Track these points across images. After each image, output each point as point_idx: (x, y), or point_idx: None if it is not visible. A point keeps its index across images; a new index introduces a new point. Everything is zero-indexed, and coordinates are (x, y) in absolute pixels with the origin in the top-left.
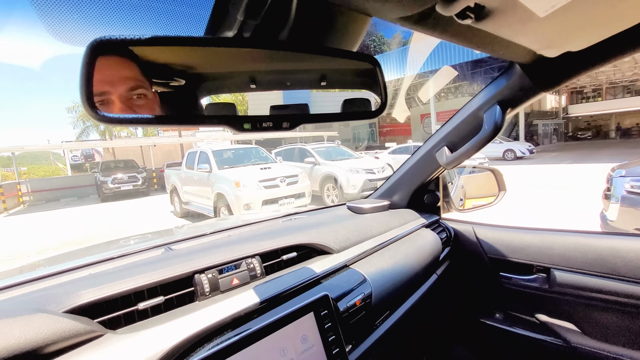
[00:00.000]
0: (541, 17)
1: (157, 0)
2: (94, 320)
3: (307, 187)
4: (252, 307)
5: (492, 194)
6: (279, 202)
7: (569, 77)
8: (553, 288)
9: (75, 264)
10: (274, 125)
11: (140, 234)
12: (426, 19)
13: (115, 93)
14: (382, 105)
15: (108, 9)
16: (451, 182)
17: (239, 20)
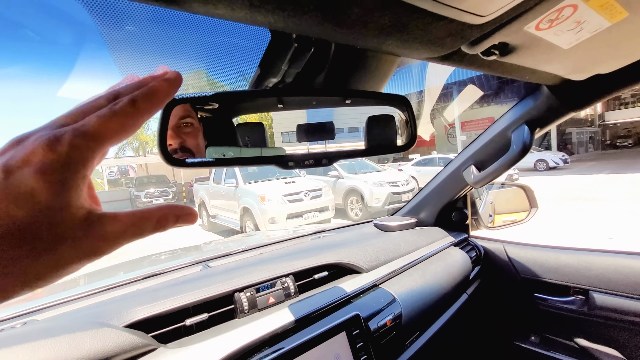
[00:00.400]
0: (566, 49)
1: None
2: (148, 334)
3: (331, 200)
4: (288, 325)
5: (523, 209)
6: (303, 215)
7: (599, 98)
8: (593, 311)
9: (123, 280)
10: (315, 162)
11: (170, 250)
12: (453, 56)
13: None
14: (413, 137)
15: None
16: (479, 198)
17: (284, 69)
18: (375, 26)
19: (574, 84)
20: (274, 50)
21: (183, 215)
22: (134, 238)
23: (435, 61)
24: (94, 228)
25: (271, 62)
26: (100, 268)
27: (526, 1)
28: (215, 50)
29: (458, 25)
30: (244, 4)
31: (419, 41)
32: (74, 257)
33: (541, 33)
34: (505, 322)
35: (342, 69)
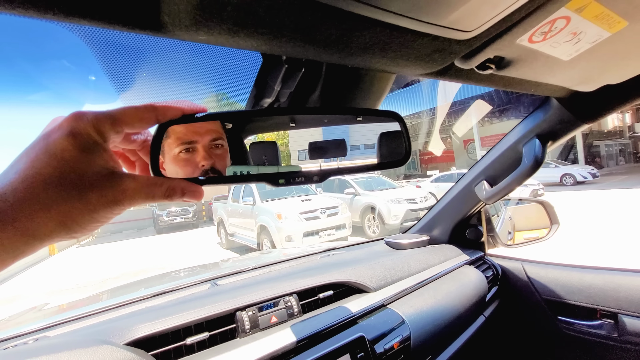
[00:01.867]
0: (566, 61)
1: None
2: (148, 352)
3: (348, 218)
4: (289, 346)
5: (544, 226)
6: (320, 233)
7: (612, 108)
8: (623, 337)
9: (132, 298)
10: (305, 179)
11: (190, 267)
12: (448, 71)
13: (201, 142)
14: (407, 154)
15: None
16: (497, 215)
17: (276, 90)
18: (357, 46)
19: (584, 95)
20: (266, 71)
21: (189, 191)
22: (147, 200)
23: (431, 77)
24: (117, 182)
25: (264, 82)
26: (123, 284)
27: (513, 14)
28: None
29: (444, 42)
30: (223, 29)
31: (406, 58)
32: (101, 204)
33: (536, 46)
34: (527, 348)
35: (335, 87)
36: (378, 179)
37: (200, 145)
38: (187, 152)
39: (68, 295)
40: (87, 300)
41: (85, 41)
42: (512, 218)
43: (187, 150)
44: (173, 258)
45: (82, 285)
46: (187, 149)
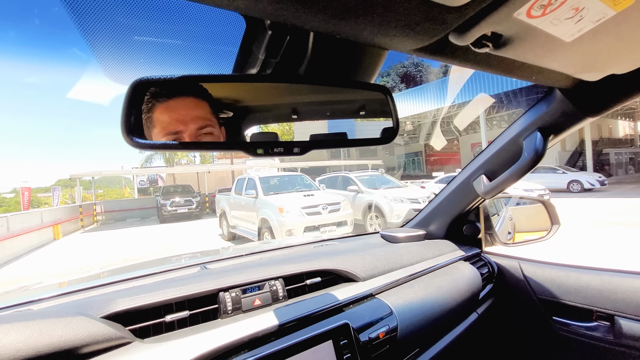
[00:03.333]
0: (569, 42)
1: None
2: (126, 327)
3: (349, 215)
4: (270, 329)
5: (544, 226)
6: (321, 229)
7: (618, 101)
8: (619, 340)
9: (123, 277)
10: (285, 150)
11: (191, 252)
12: (443, 48)
13: (187, 132)
14: (394, 131)
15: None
16: (497, 214)
17: (261, 59)
18: (340, 6)
19: (589, 86)
20: (249, 38)
21: None
22: None
23: (426, 55)
24: None
25: (249, 50)
26: (125, 265)
27: None
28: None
29: (434, 8)
30: None
31: (394, 26)
32: None
33: (535, 22)
34: (520, 347)
35: (324, 60)
36: (382, 177)
37: (187, 134)
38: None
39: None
40: (81, 279)
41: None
42: (512, 218)
43: (174, 140)
44: (175, 246)
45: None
46: (175, 140)
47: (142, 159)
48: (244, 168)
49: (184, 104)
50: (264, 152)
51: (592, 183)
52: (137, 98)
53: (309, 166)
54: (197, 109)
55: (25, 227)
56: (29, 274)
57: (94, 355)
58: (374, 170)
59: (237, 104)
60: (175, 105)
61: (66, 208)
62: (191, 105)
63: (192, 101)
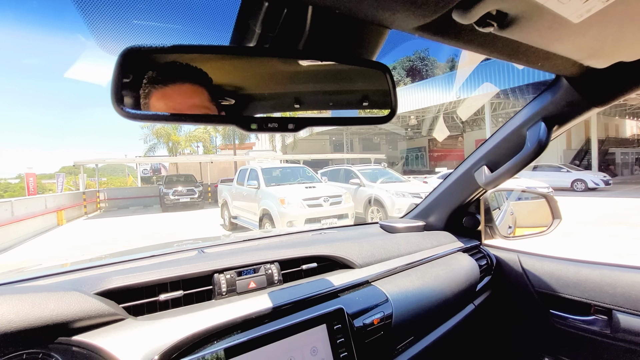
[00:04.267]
0: (577, 24)
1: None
2: (120, 305)
3: (351, 208)
4: (264, 311)
5: (546, 223)
6: (322, 221)
7: (626, 90)
8: (616, 334)
9: (121, 259)
10: (279, 126)
11: (193, 239)
12: (446, 28)
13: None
14: (393, 110)
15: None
16: (499, 208)
17: (258, 33)
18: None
19: (596, 74)
20: (246, 11)
21: None
22: None
23: (428, 35)
24: None
25: (245, 24)
26: (129, 249)
27: None
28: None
29: None
30: None
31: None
32: None
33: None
34: (517, 339)
35: (323, 36)
36: (384, 171)
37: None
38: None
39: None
40: (81, 262)
41: None
42: (513, 212)
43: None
44: (177, 235)
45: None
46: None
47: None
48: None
49: (180, 91)
50: (257, 127)
51: (597, 182)
52: (128, 67)
53: (311, 159)
54: (194, 97)
55: (29, 212)
56: (32, 258)
57: (86, 330)
58: (376, 164)
59: (238, 91)
60: (172, 92)
61: (70, 195)
62: (188, 92)
63: (189, 88)
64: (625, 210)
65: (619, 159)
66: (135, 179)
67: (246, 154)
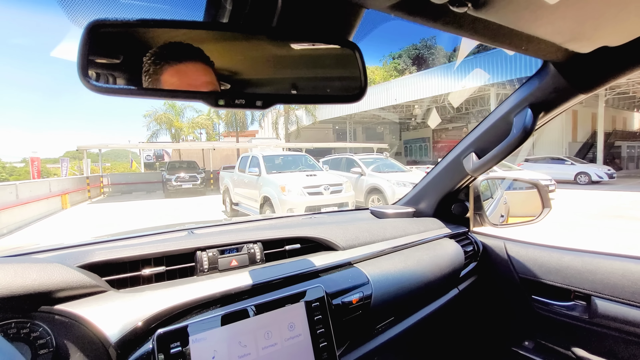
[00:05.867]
0: (553, 5)
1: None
2: (102, 278)
3: (351, 197)
4: (243, 287)
5: (535, 211)
6: (322, 209)
7: (611, 76)
8: (594, 319)
9: (113, 238)
10: (246, 103)
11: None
12: (422, 7)
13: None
14: (362, 89)
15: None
16: (492, 197)
17: (229, 9)
18: None
19: (581, 59)
20: None
21: None
22: None
23: (405, 15)
24: None
25: (216, 1)
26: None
27: None
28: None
29: None
30: None
31: None
32: None
33: None
34: (500, 324)
35: (296, 14)
36: (386, 161)
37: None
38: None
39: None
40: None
41: None
42: (507, 202)
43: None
44: (181, 219)
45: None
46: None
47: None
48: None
49: (195, 69)
50: (224, 103)
51: (600, 175)
52: (94, 40)
53: (314, 147)
54: (207, 75)
55: (33, 195)
56: (36, 241)
57: (68, 300)
58: (378, 153)
59: (234, 76)
60: (186, 69)
61: (74, 179)
62: (202, 70)
63: (202, 66)
64: (626, 204)
65: (624, 153)
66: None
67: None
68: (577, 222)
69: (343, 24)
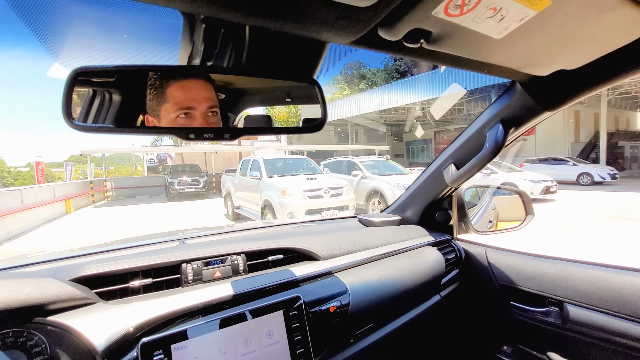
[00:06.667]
0: (500, 39)
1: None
2: (92, 290)
3: (352, 200)
4: (225, 298)
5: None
6: (322, 213)
7: (573, 96)
8: (566, 325)
9: (105, 249)
10: (214, 135)
11: (197, 228)
12: (380, 42)
13: (199, 109)
14: (322, 121)
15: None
16: (479, 203)
17: (201, 50)
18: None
19: (544, 80)
20: (188, 30)
21: None
22: None
23: (367, 48)
24: None
25: (190, 41)
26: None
27: None
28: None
29: (345, 8)
30: None
31: (312, 23)
32: None
33: (457, 20)
34: (480, 330)
35: (262, 50)
36: (387, 163)
37: (198, 112)
38: (185, 117)
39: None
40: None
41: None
42: (495, 207)
43: (185, 114)
44: (181, 224)
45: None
46: (186, 114)
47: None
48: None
49: (197, 85)
50: (195, 137)
51: (603, 176)
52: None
53: (316, 150)
54: (208, 91)
55: (38, 200)
56: (40, 245)
57: (60, 312)
58: (379, 156)
59: (228, 86)
60: (190, 85)
61: (78, 183)
62: (204, 86)
63: (204, 83)
64: (628, 205)
65: (627, 153)
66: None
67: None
68: (578, 224)
69: (311, 57)
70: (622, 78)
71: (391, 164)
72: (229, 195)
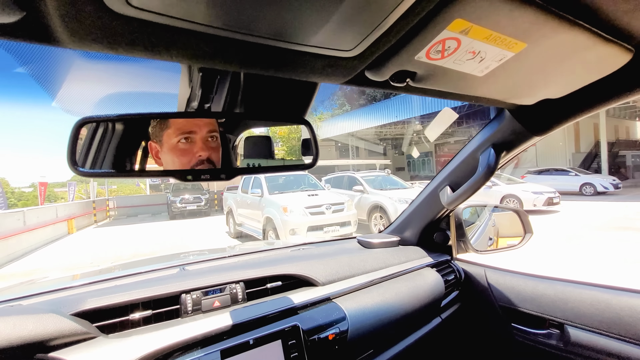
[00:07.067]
0: (482, 77)
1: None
2: (93, 324)
3: (353, 215)
4: (224, 328)
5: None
6: (324, 229)
7: (560, 122)
8: (568, 347)
9: (106, 277)
10: (211, 176)
11: (199, 250)
12: (369, 82)
13: (199, 134)
14: (314, 159)
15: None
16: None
17: (198, 94)
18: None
19: (531, 108)
20: (186, 77)
21: None
22: None
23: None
24: None
25: (188, 87)
26: (138, 259)
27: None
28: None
29: (330, 59)
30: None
31: (301, 71)
32: None
33: (440, 62)
34: (482, 352)
35: (257, 94)
36: (388, 178)
37: (199, 136)
38: (185, 142)
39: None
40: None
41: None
42: (495, 224)
43: (186, 139)
44: (182, 242)
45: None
46: (187, 139)
47: None
48: None
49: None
50: (192, 178)
51: (606, 186)
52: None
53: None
54: (212, 123)
55: (40, 221)
56: (43, 266)
57: (61, 348)
58: (380, 170)
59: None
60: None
61: (80, 203)
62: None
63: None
64: (634, 215)
65: (629, 162)
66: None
67: None
68: (583, 235)
69: (300, 100)
70: (610, 104)
71: (392, 178)
72: (231, 213)
